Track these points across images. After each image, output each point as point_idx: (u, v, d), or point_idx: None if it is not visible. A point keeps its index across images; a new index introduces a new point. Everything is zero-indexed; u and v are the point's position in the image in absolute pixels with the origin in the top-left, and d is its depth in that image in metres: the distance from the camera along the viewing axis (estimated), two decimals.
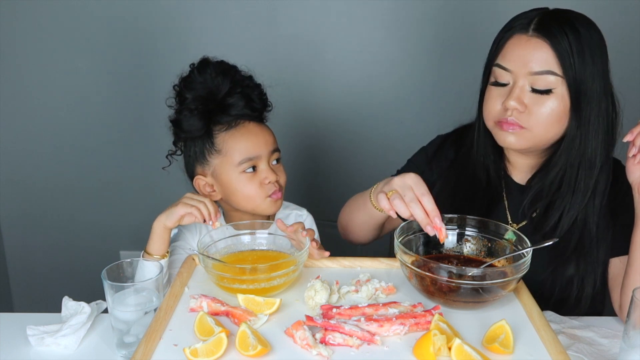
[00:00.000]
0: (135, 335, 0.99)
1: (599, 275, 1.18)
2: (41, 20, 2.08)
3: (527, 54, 1.10)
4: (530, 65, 1.10)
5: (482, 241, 1.13)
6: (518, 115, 1.12)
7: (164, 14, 2.08)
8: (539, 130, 1.13)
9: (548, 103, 1.11)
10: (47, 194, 2.29)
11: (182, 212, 1.18)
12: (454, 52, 2.08)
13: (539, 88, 1.11)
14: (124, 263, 1.04)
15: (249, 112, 1.29)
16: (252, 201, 1.31)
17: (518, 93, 1.12)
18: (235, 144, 1.29)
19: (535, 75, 1.10)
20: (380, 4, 2.05)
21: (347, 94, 2.16)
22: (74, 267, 2.35)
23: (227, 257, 1.15)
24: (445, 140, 1.38)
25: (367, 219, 1.28)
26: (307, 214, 1.47)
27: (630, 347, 0.89)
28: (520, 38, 1.12)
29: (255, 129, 1.30)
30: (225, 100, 1.27)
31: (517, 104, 1.11)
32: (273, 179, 1.30)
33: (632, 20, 2.02)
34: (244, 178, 1.29)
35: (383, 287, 1.05)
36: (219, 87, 1.27)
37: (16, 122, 2.21)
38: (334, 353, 0.87)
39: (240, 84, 1.28)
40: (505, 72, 1.13)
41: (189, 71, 1.30)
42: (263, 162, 1.30)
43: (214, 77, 1.26)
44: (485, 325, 0.92)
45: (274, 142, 1.33)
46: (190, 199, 1.21)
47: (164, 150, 1.38)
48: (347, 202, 1.39)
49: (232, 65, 1.31)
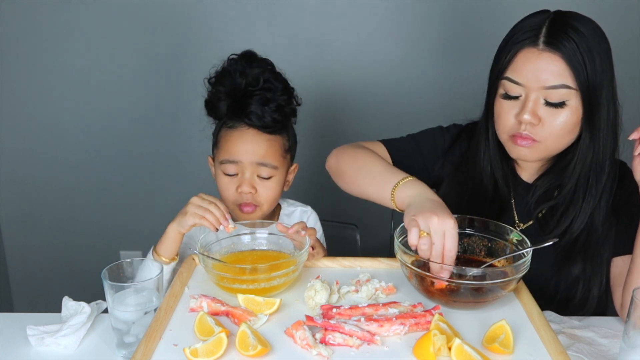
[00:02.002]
0: (135, 335, 0.99)
1: (604, 276, 1.18)
2: (41, 20, 2.08)
3: (540, 68, 1.08)
4: (543, 79, 1.08)
5: (482, 241, 1.13)
6: (532, 128, 1.11)
7: (165, 15, 2.07)
8: (552, 142, 1.13)
9: (562, 115, 1.10)
10: (47, 194, 2.29)
11: (191, 222, 1.15)
12: (454, 52, 2.08)
13: (553, 101, 1.09)
14: (124, 263, 1.04)
15: (252, 121, 1.27)
16: (225, 199, 1.32)
17: (532, 107, 1.10)
18: (224, 143, 1.30)
19: (549, 90, 1.09)
20: (380, 3, 2.05)
21: (347, 94, 2.16)
22: (74, 267, 2.35)
23: (227, 257, 1.15)
24: (460, 133, 1.35)
25: (374, 198, 1.18)
26: (312, 211, 1.48)
27: (630, 347, 0.89)
28: (532, 52, 1.09)
29: (250, 137, 1.28)
30: (241, 101, 1.26)
31: (531, 118, 1.10)
32: (246, 190, 1.28)
33: (632, 18, 2.02)
34: (223, 178, 1.31)
35: (383, 287, 1.05)
36: (238, 87, 1.26)
37: (16, 122, 2.21)
38: (334, 353, 0.87)
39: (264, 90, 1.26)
40: (517, 85, 1.11)
41: (231, 58, 1.30)
42: (246, 170, 1.28)
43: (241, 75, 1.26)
44: (485, 325, 0.92)
45: (266, 156, 1.28)
46: (198, 206, 1.14)
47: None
48: (350, 150, 1.28)
49: (270, 69, 1.29)
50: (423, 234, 0.98)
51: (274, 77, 1.29)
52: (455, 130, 1.36)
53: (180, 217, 1.16)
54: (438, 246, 0.97)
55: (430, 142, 1.35)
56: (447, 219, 0.97)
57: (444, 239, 0.97)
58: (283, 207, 1.46)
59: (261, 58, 1.31)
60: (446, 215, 0.98)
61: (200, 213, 1.13)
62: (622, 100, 1.18)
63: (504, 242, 1.10)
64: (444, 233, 0.97)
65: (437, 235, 0.97)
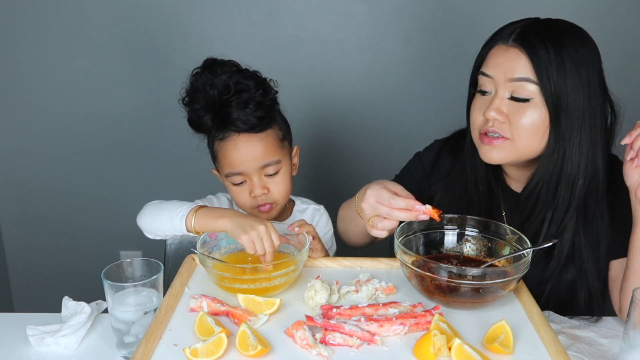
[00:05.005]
0: (135, 335, 0.99)
1: (595, 283, 1.16)
2: (41, 20, 2.08)
3: (505, 62, 1.11)
4: (508, 72, 1.11)
5: (482, 241, 1.13)
6: (500, 125, 1.12)
7: (164, 15, 2.07)
8: (521, 141, 1.12)
9: (527, 112, 1.10)
10: (47, 194, 2.29)
11: (241, 242, 1.09)
12: (454, 52, 2.07)
13: (518, 96, 1.11)
14: (124, 263, 1.04)
15: (239, 127, 1.25)
16: (242, 207, 1.34)
17: (498, 103, 1.12)
18: (223, 157, 1.29)
19: (515, 82, 1.10)
20: (380, 4, 2.05)
21: (347, 94, 2.15)
22: (74, 267, 2.35)
23: (227, 257, 1.15)
24: (441, 148, 1.37)
25: (362, 229, 1.25)
26: (324, 211, 1.48)
27: (630, 347, 0.89)
28: (502, 47, 1.13)
29: (245, 144, 1.26)
30: (220, 111, 1.24)
31: (496, 114, 1.11)
32: (259, 193, 1.29)
33: (631, 22, 2.02)
34: (232, 188, 1.32)
35: (383, 287, 1.05)
36: (212, 99, 1.23)
37: (16, 123, 2.21)
38: (334, 353, 0.87)
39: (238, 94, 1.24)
40: (488, 79, 1.14)
41: (195, 73, 1.27)
42: (253, 176, 1.28)
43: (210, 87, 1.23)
44: (485, 325, 0.92)
45: (265, 156, 1.28)
46: (260, 239, 1.07)
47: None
48: (339, 212, 1.38)
49: (235, 70, 1.27)
50: (370, 222, 1.08)
51: (242, 76, 1.26)
52: (435, 147, 1.38)
53: (239, 228, 1.09)
54: (384, 209, 1.06)
55: (411, 177, 1.38)
56: (366, 194, 1.08)
57: (383, 204, 1.05)
58: (297, 204, 1.46)
59: (223, 62, 1.27)
60: (363, 193, 1.09)
61: (257, 247, 1.07)
62: (622, 103, 1.17)
63: (504, 242, 1.10)
64: (377, 203, 1.06)
65: (375, 208, 1.07)
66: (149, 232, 1.25)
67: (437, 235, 1.14)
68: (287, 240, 1.15)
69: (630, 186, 1.09)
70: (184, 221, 1.15)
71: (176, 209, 1.17)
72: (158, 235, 1.24)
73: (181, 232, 1.17)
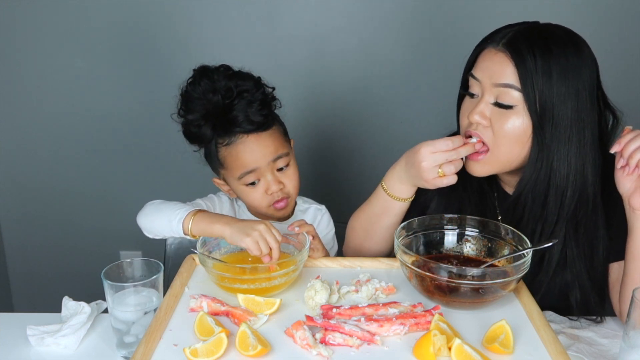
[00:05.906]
0: (135, 335, 0.99)
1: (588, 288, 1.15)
2: (41, 20, 2.08)
3: (492, 66, 1.10)
4: (494, 76, 1.09)
5: (482, 241, 1.13)
6: (482, 130, 1.12)
7: (164, 15, 2.07)
8: (501, 149, 1.11)
9: (510, 120, 1.09)
10: (47, 193, 2.29)
11: (245, 246, 1.07)
12: (454, 52, 2.06)
13: (502, 102, 1.09)
14: (124, 263, 1.04)
15: (247, 128, 1.25)
16: (257, 208, 1.34)
17: (482, 107, 1.11)
18: (233, 160, 1.29)
19: (500, 88, 1.09)
20: (380, 4, 2.05)
21: (347, 95, 2.15)
22: (74, 267, 2.35)
23: (227, 257, 1.15)
24: None
25: (392, 220, 1.23)
26: (325, 211, 1.48)
27: (630, 347, 0.89)
28: (490, 51, 1.12)
29: (254, 143, 1.27)
30: (225, 116, 1.25)
31: (480, 118, 1.11)
32: (276, 189, 1.30)
33: (631, 23, 2.02)
34: (246, 189, 1.31)
35: (383, 287, 1.05)
36: (216, 105, 1.24)
37: (16, 123, 2.21)
38: (334, 353, 0.87)
39: (240, 96, 1.24)
40: (476, 82, 1.13)
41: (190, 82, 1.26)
42: (265, 173, 1.29)
43: (213, 93, 1.23)
44: (485, 325, 0.92)
45: (276, 150, 1.29)
46: (263, 239, 1.06)
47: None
48: (351, 224, 1.32)
49: (231, 73, 1.27)
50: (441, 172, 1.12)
51: (240, 78, 1.27)
52: None
53: (239, 232, 1.08)
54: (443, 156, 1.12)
55: None
56: (412, 153, 1.13)
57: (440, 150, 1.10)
58: (298, 203, 1.46)
59: (215, 67, 1.28)
60: (408, 156, 1.14)
61: (262, 247, 1.06)
62: (622, 105, 1.16)
63: (504, 242, 1.10)
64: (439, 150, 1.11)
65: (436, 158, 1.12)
66: (149, 232, 1.25)
67: (437, 235, 1.14)
68: (287, 240, 1.15)
69: (623, 194, 1.08)
70: (181, 224, 1.15)
71: (175, 211, 1.17)
72: (157, 235, 1.24)
73: (179, 235, 1.17)
